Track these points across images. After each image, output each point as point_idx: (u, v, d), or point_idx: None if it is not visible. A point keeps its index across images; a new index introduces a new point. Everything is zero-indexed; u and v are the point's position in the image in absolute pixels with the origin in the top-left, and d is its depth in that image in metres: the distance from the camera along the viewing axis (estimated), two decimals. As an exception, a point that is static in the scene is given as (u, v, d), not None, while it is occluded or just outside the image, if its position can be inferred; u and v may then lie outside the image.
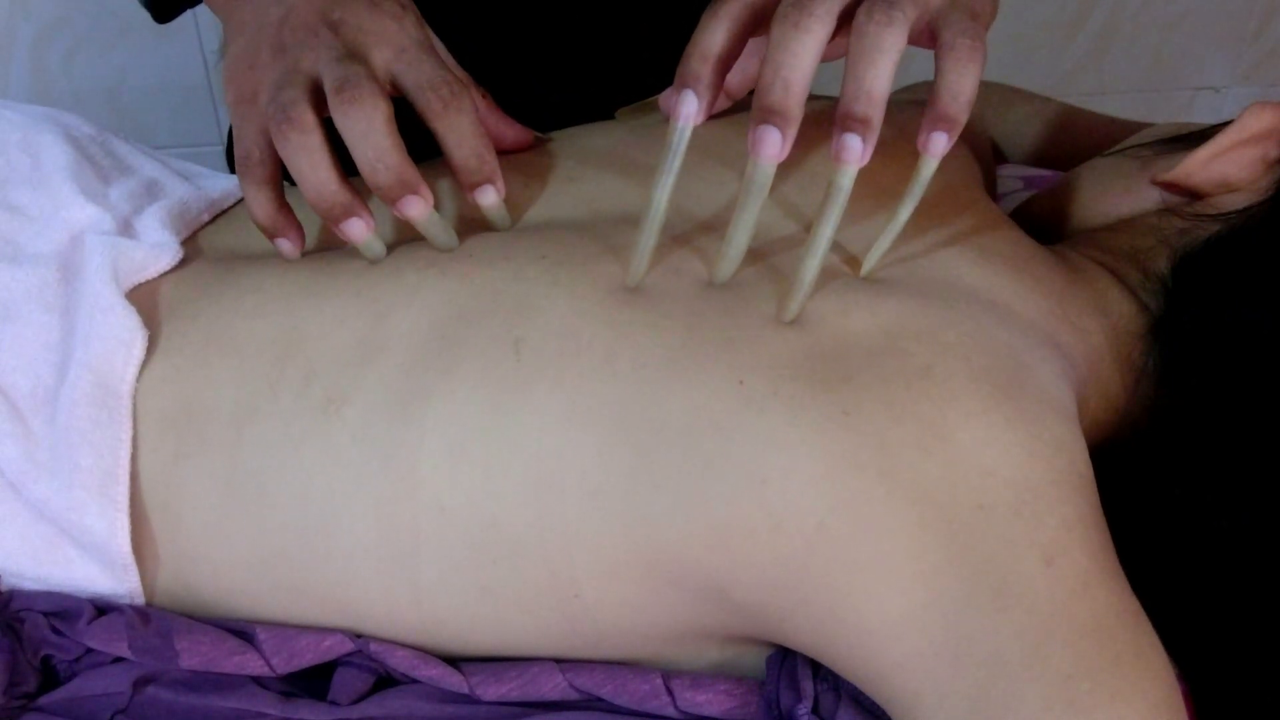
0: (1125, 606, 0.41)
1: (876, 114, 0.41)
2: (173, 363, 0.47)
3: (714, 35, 0.43)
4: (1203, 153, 0.51)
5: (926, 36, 0.43)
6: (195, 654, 0.44)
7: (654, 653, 0.46)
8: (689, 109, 0.43)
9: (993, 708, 0.39)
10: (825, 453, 0.41)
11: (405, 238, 0.51)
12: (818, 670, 0.45)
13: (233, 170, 0.66)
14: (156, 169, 0.58)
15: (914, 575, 0.40)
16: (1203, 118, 0.56)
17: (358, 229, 0.47)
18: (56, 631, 0.45)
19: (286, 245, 0.49)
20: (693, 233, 0.49)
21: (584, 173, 0.53)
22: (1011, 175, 0.72)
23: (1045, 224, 0.59)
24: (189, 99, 1.18)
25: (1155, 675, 0.40)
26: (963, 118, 0.42)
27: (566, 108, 0.60)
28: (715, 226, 0.49)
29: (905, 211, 0.44)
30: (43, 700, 0.44)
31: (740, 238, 0.44)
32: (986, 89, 0.78)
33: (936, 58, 0.42)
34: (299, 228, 0.50)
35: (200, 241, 0.53)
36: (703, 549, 0.42)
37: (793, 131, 0.41)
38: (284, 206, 0.49)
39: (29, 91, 1.15)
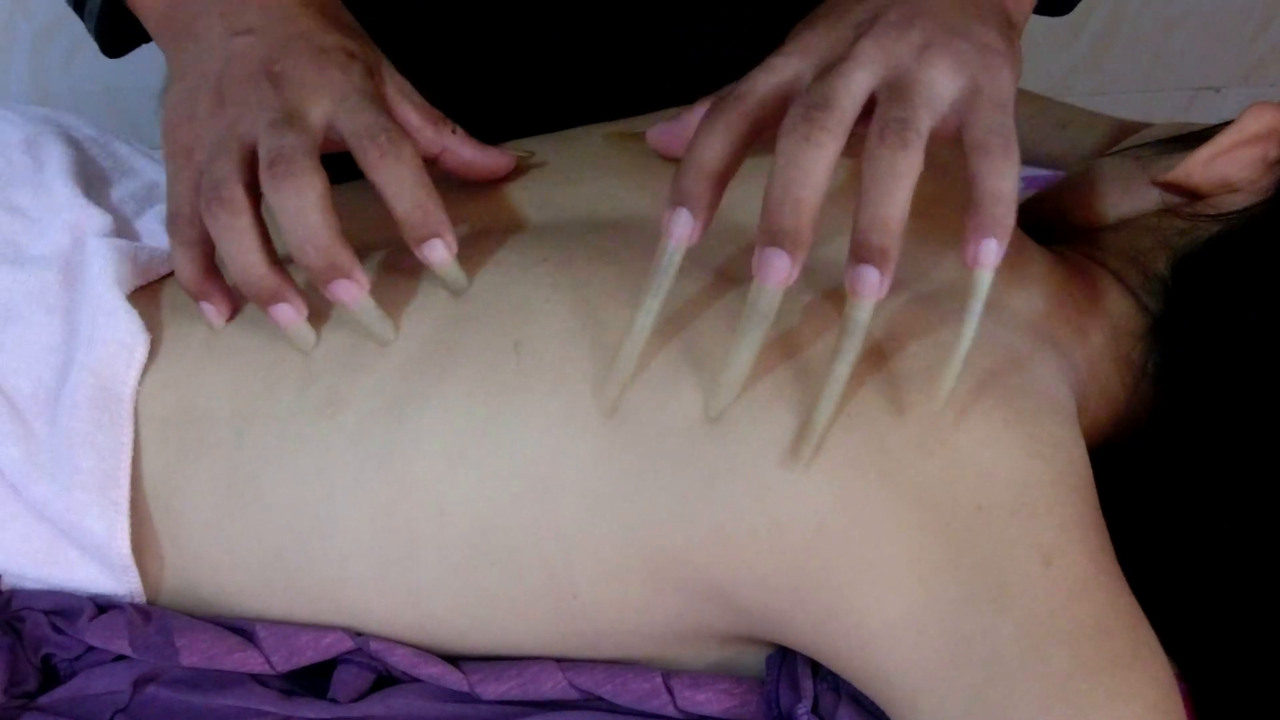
0: (1124, 607, 0.41)
1: (894, 245, 0.38)
2: (174, 365, 0.47)
3: (712, 150, 0.40)
4: (1203, 153, 0.51)
5: (951, 131, 0.41)
6: (195, 651, 0.44)
7: (654, 652, 0.46)
8: (683, 229, 0.40)
9: (992, 708, 0.39)
10: (826, 453, 0.41)
11: (401, 242, 0.51)
12: (818, 670, 0.45)
13: None
14: (157, 171, 0.58)
15: (913, 576, 0.40)
16: (1203, 118, 0.56)
17: (284, 315, 0.44)
18: (57, 630, 0.45)
19: (210, 310, 0.46)
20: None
21: (584, 175, 0.53)
22: (1011, 175, 0.72)
23: (1045, 224, 0.59)
24: (189, 99, 1.18)
25: (1154, 676, 0.40)
26: (1010, 221, 0.39)
27: (569, 108, 0.60)
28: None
29: (969, 331, 0.40)
30: (43, 699, 0.44)
31: (739, 368, 0.40)
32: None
33: (968, 157, 0.39)
34: (226, 293, 0.47)
35: None
36: (704, 552, 0.42)
37: (803, 255, 0.38)
38: (210, 269, 0.46)
39: (29, 91, 1.15)
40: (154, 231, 0.52)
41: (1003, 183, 0.39)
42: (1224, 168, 0.51)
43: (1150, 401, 0.51)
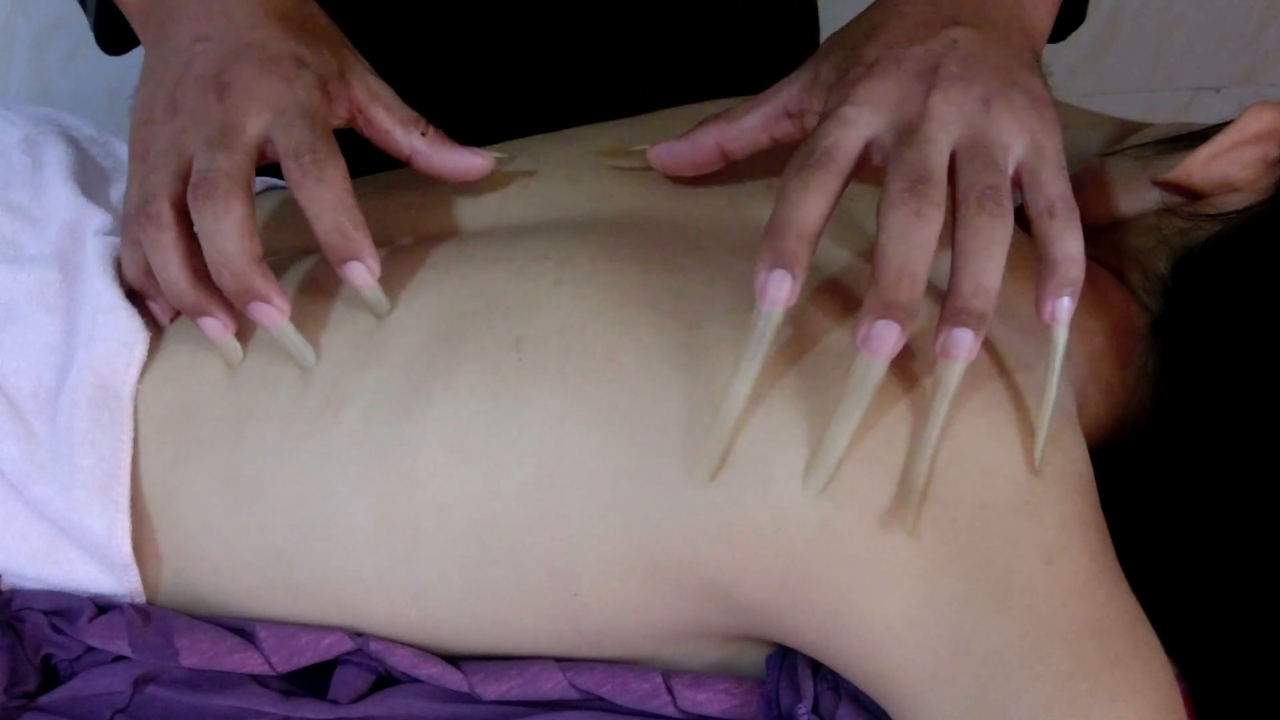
0: (1125, 606, 0.41)
1: (991, 311, 0.39)
2: (174, 364, 0.47)
3: (812, 211, 0.40)
4: (1203, 153, 0.51)
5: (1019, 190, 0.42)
6: (195, 652, 0.44)
7: (654, 651, 0.46)
8: (783, 293, 0.39)
9: (992, 707, 0.39)
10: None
11: (403, 239, 0.51)
12: (818, 670, 0.45)
13: None
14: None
15: (914, 573, 0.40)
16: (1203, 118, 0.56)
17: (210, 328, 0.45)
18: (57, 630, 0.45)
19: (156, 308, 0.48)
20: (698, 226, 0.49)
21: (584, 173, 0.53)
22: (1012, 175, 0.72)
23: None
24: (189, 99, 1.18)
25: (1154, 675, 0.40)
26: (1081, 279, 0.41)
27: (545, 102, 0.60)
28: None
29: (1052, 389, 0.42)
30: (43, 699, 0.44)
31: (839, 442, 0.40)
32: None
33: (1036, 220, 0.41)
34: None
35: None
36: (706, 548, 0.42)
37: (911, 327, 0.39)
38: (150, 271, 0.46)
39: (29, 91, 1.15)
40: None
41: (1073, 245, 0.41)
42: (1224, 167, 0.51)
43: (1150, 401, 0.51)
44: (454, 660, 0.46)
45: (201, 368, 0.47)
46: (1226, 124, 0.51)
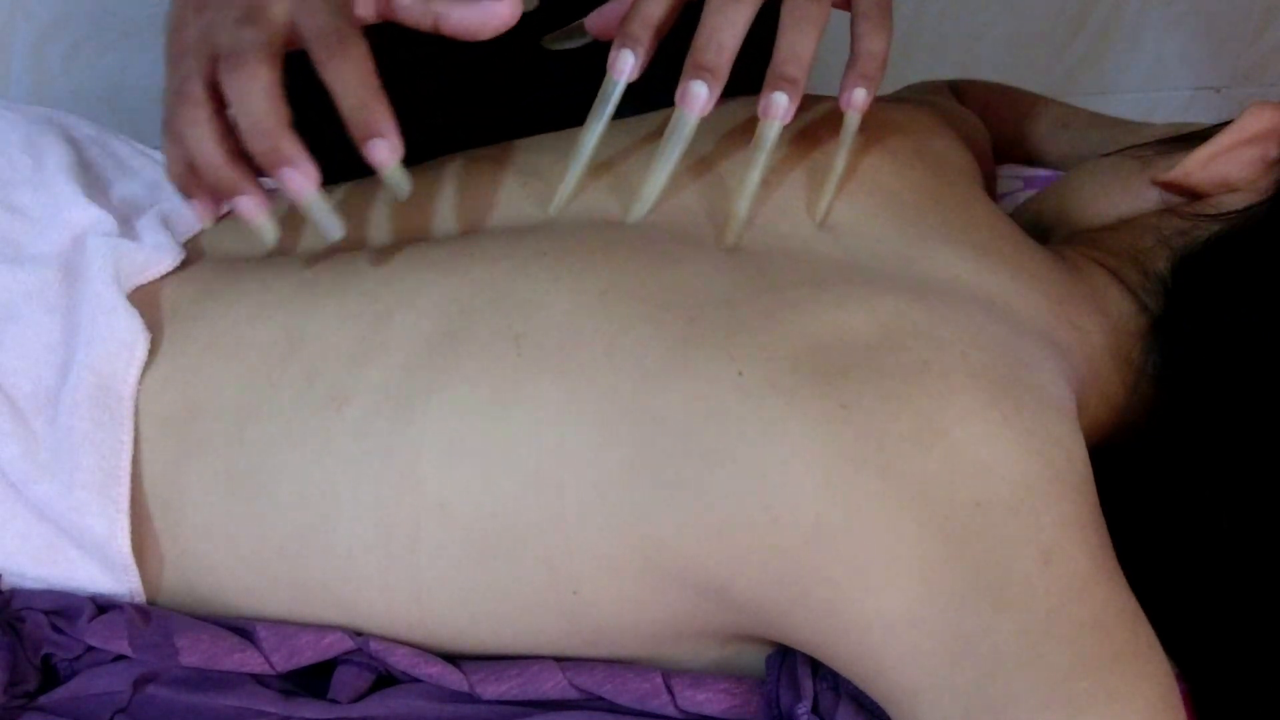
0: (1124, 605, 0.41)
1: (804, 78, 0.47)
2: (175, 364, 0.47)
3: (658, 6, 0.48)
4: (1203, 153, 0.51)
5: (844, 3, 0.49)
6: (195, 651, 0.44)
7: (654, 651, 0.46)
8: (627, 65, 0.48)
9: (990, 705, 0.39)
10: (823, 447, 0.41)
11: (405, 238, 0.51)
12: (818, 669, 0.45)
13: None
14: (157, 170, 0.58)
15: (911, 571, 0.40)
16: (1203, 118, 0.56)
17: (244, 206, 0.46)
18: (57, 629, 0.45)
19: (196, 210, 0.49)
20: (691, 222, 0.49)
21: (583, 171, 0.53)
22: (1011, 175, 0.73)
23: (1045, 224, 0.59)
24: (189, 99, 1.18)
25: (1153, 675, 0.40)
26: (880, 76, 0.49)
27: (572, 106, 0.60)
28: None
29: (840, 161, 0.50)
30: (43, 699, 0.45)
31: (658, 179, 0.49)
32: (987, 89, 0.78)
33: (854, 21, 0.49)
34: (210, 191, 0.48)
35: (202, 243, 0.53)
36: (701, 543, 0.42)
37: (719, 88, 0.47)
38: (192, 169, 0.47)
39: (29, 91, 1.15)
40: (153, 231, 0.52)
41: (878, 44, 0.49)
42: (1224, 167, 0.51)
43: (1150, 401, 0.51)
44: (454, 660, 0.46)
45: (205, 366, 0.47)
46: (1226, 124, 0.51)
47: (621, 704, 0.45)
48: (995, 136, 0.77)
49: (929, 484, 0.41)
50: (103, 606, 0.46)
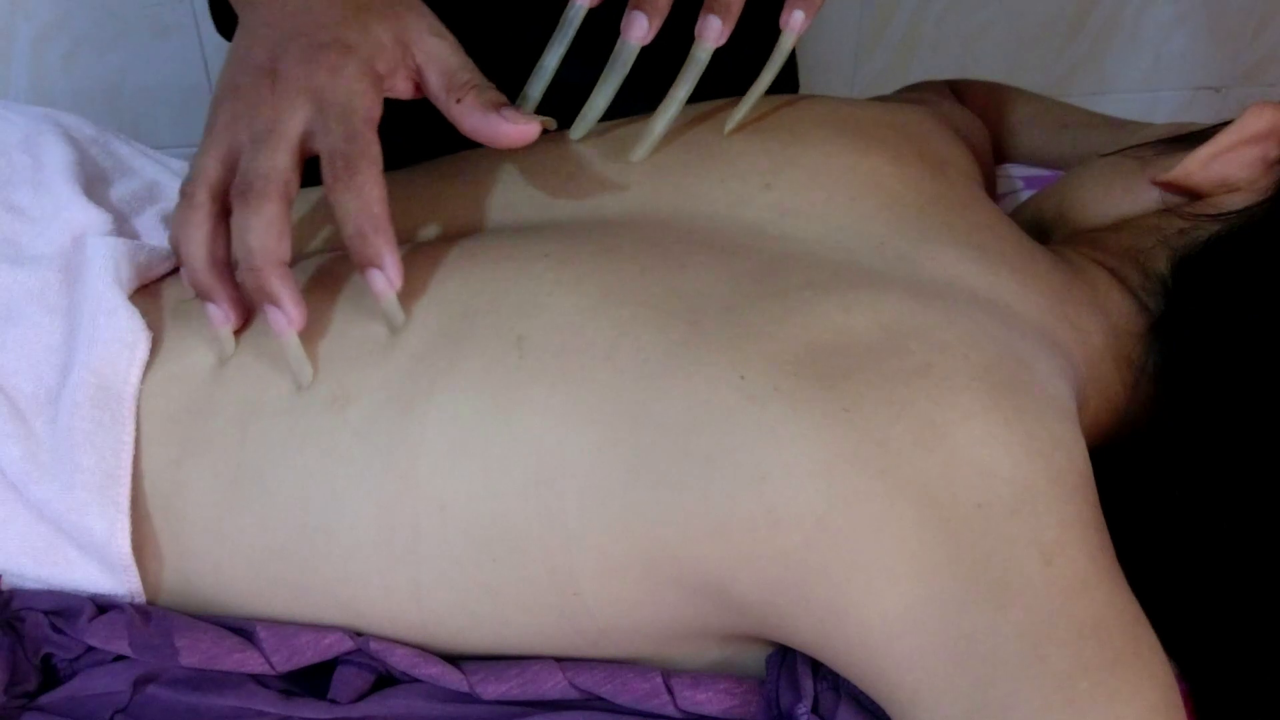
0: (1124, 606, 0.41)
1: (738, 5, 0.49)
2: (176, 363, 0.47)
3: None
4: (1203, 153, 0.51)
5: None
6: (195, 652, 0.44)
7: (654, 651, 0.46)
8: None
9: (991, 706, 0.39)
10: (825, 448, 0.41)
11: (406, 239, 0.51)
12: (818, 669, 0.45)
13: None
14: (157, 170, 0.58)
15: (912, 572, 0.40)
16: (1203, 118, 0.56)
17: (214, 315, 0.46)
18: (57, 630, 0.45)
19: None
20: (695, 237, 0.49)
21: (584, 172, 0.53)
22: (1011, 175, 0.73)
23: (1045, 224, 0.59)
24: (189, 99, 1.17)
25: (1154, 675, 0.40)
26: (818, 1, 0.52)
27: (571, 106, 0.60)
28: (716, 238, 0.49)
29: (767, 76, 0.53)
30: (43, 699, 0.45)
31: (599, 103, 0.52)
32: (987, 89, 0.78)
33: None
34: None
35: None
36: (702, 545, 0.42)
37: (658, 21, 0.49)
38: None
39: (29, 91, 1.15)
40: (153, 230, 0.52)
41: None
42: (1224, 167, 0.51)
43: (1150, 401, 0.51)
44: (454, 660, 0.46)
45: (205, 366, 0.47)
46: (1226, 124, 0.51)
47: (621, 704, 0.45)
48: (995, 136, 0.77)
49: (930, 485, 0.41)
50: (103, 606, 0.46)
